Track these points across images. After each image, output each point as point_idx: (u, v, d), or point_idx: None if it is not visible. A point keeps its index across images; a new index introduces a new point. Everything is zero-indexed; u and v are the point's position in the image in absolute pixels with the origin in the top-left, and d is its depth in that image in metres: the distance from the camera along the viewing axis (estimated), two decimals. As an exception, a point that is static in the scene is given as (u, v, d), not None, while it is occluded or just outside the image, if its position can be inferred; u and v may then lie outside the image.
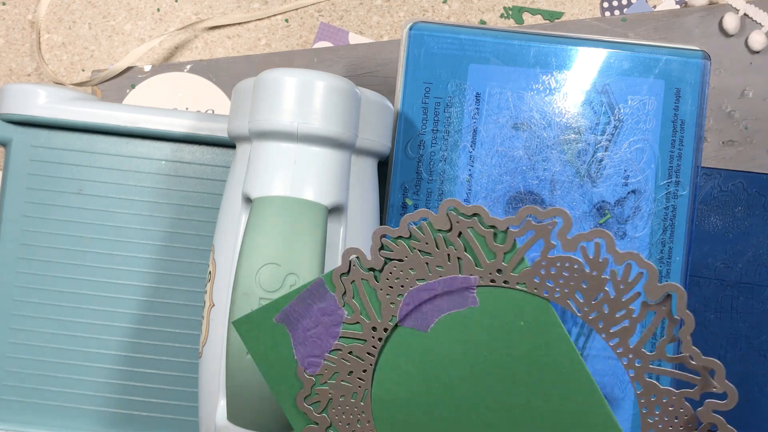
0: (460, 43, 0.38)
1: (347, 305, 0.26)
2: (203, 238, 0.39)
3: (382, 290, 0.25)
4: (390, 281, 0.25)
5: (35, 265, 0.39)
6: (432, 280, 0.25)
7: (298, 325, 0.26)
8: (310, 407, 0.26)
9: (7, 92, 0.39)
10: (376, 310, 0.26)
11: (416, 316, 0.25)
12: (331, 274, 0.26)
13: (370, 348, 0.26)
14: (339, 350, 0.26)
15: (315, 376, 0.26)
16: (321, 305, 0.26)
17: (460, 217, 0.25)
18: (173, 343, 0.39)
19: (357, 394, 0.26)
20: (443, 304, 0.25)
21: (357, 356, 0.26)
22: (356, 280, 0.26)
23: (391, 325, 0.25)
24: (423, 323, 0.25)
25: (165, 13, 0.47)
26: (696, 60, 0.37)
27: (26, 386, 0.39)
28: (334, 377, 0.26)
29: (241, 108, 0.33)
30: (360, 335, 0.26)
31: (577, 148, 0.37)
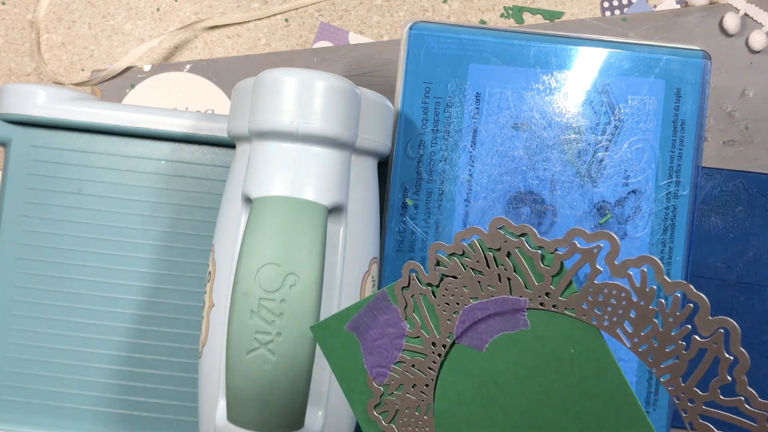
0: (460, 42, 0.37)
1: (408, 319, 0.26)
2: (203, 238, 0.39)
3: (439, 306, 0.25)
4: (446, 297, 0.25)
5: (35, 265, 0.39)
6: (484, 299, 0.25)
7: (367, 335, 0.26)
8: (380, 416, 0.26)
9: (7, 92, 0.39)
10: (435, 325, 0.25)
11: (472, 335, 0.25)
12: (393, 287, 0.25)
13: (431, 363, 0.26)
14: (403, 362, 0.26)
15: (383, 386, 0.26)
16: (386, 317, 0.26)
17: (508, 236, 0.24)
18: (173, 343, 0.39)
19: (421, 408, 0.26)
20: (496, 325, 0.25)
21: (419, 370, 0.26)
22: (416, 294, 0.25)
23: (449, 342, 0.25)
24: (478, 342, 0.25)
25: (165, 13, 0.47)
26: (696, 60, 0.37)
27: (26, 386, 0.39)
28: (399, 389, 0.26)
29: (240, 108, 0.33)
30: (421, 349, 0.26)
31: (578, 148, 0.37)
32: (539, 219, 0.37)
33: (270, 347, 0.29)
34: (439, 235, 0.37)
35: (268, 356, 0.29)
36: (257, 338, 0.29)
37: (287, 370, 0.29)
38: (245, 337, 0.29)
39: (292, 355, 0.29)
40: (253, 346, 0.29)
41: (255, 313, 0.29)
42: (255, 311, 0.29)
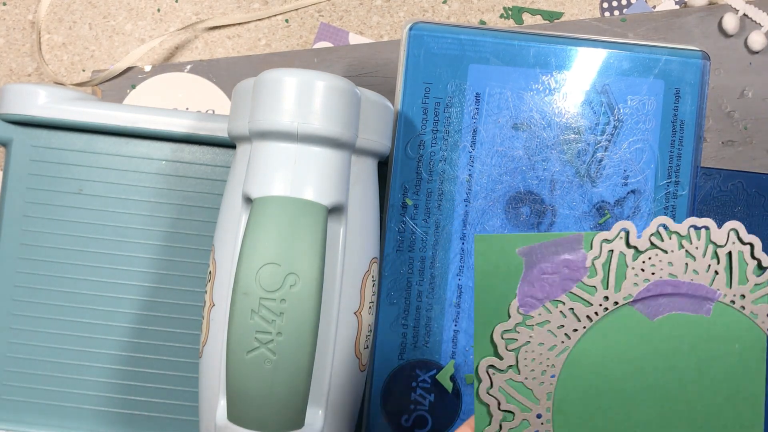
0: (460, 43, 0.38)
1: (593, 268, 0.26)
2: (203, 238, 0.39)
3: (633, 269, 0.27)
4: (645, 264, 0.27)
5: (35, 265, 0.39)
6: (683, 279, 0.27)
7: (536, 265, 0.26)
8: (504, 341, 0.27)
9: (8, 92, 0.39)
10: (618, 283, 0.27)
11: (650, 303, 0.27)
12: (594, 235, 0.26)
13: (592, 313, 0.27)
14: (562, 303, 0.27)
15: (524, 316, 0.26)
16: (569, 257, 0.26)
17: (737, 240, 0.27)
18: (173, 343, 0.39)
19: (556, 347, 0.27)
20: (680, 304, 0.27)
21: (576, 315, 0.27)
22: (614, 251, 0.27)
23: (622, 303, 0.27)
24: (653, 312, 0.27)
25: (165, 14, 0.47)
26: (695, 60, 0.37)
27: (26, 386, 0.39)
28: (543, 324, 0.27)
29: (241, 108, 0.33)
30: (589, 299, 0.27)
31: (577, 148, 0.37)
32: (539, 219, 0.37)
33: (270, 347, 0.29)
34: (438, 234, 0.37)
35: (269, 356, 0.29)
36: (257, 338, 0.29)
37: (287, 370, 0.29)
38: (245, 336, 0.29)
39: (292, 354, 0.29)
40: (254, 345, 0.29)
41: (255, 313, 0.29)
42: (255, 311, 0.29)
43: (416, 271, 0.38)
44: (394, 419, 0.37)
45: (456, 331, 0.37)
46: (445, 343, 0.37)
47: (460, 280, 0.37)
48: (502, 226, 0.37)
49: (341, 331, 0.32)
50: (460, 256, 0.37)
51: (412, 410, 0.37)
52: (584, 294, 0.27)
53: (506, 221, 0.37)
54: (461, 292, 0.37)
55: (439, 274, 0.37)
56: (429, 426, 0.37)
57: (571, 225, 0.37)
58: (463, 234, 0.37)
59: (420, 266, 0.37)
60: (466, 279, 0.37)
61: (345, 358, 0.33)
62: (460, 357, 0.37)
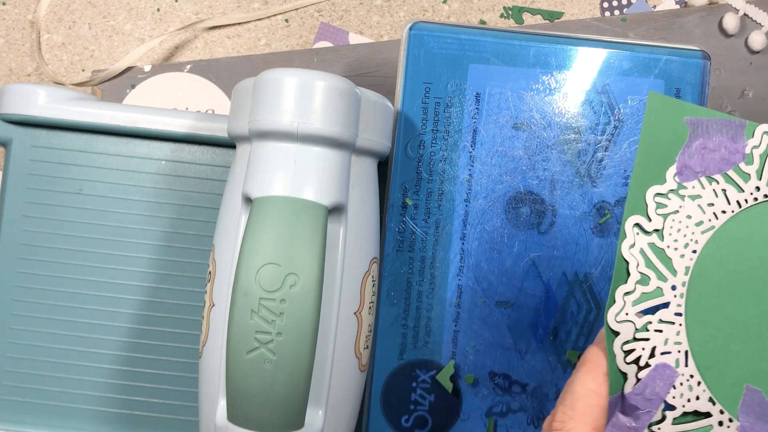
0: (460, 43, 0.38)
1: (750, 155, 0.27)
2: (203, 238, 0.39)
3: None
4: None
5: (35, 265, 0.39)
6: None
7: (700, 137, 0.27)
8: (655, 204, 0.27)
9: (7, 92, 0.39)
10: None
11: None
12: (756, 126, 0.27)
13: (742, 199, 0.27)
14: (716, 182, 0.27)
15: (679, 185, 0.27)
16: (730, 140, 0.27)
17: None
18: (173, 343, 0.39)
19: (702, 224, 0.27)
20: None
21: (727, 197, 0.27)
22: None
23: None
24: None
25: (165, 13, 0.47)
26: (696, 60, 0.37)
27: (26, 386, 0.39)
28: (694, 198, 0.27)
29: (241, 108, 0.33)
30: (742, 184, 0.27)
31: (577, 148, 0.37)
32: (539, 219, 0.37)
33: (270, 347, 0.29)
34: (438, 234, 0.37)
35: (269, 356, 0.29)
36: (257, 338, 0.29)
37: (287, 370, 0.29)
38: (245, 336, 0.29)
39: (292, 354, 0.29)
40: (254, 345, 0.29)
41: (255, 313, 0.29)
42: (255, 311, 0.29)
43: (416, 271, 0.38)
44: (394, 419, 0.37)
45: (456, 331, 0.37)
46: (445, 343, 0.37)
47: (460, 280, 0.37)
48: (502, 226, 0.37)
49: (341, 331, 0.32)
50: (460, 256, 0.37)
51: (412, 410, 0.37)
52: (738, 179, 0.27)
53: (506, 221, 0.37)
54: (461, 292, 0.37)
55: (439, 274, 0.37)
56: (429, 426, 0.37)
57: (571, 225, 0.37)
58: (463, 234, 0.37)
59: (420, 266, 0.37)
60: (466, 279, 0.37)
61: (345, 358, 0.33)
62: (460, 357, 0.37)
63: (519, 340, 0.37)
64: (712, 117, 0.27)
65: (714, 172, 0.27)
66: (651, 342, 0.26)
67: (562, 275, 0.37)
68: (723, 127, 0.27)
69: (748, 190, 0.27)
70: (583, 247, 0.37)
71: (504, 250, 0.37)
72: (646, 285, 0.27)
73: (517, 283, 0.37)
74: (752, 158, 0.27)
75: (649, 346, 0.26)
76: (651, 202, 0.27)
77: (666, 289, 0.26)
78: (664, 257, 0.27)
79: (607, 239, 0.37)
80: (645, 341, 0.26)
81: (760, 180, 0.27)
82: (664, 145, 0.27)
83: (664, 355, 0.26)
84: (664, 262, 0.27)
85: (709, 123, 0.27)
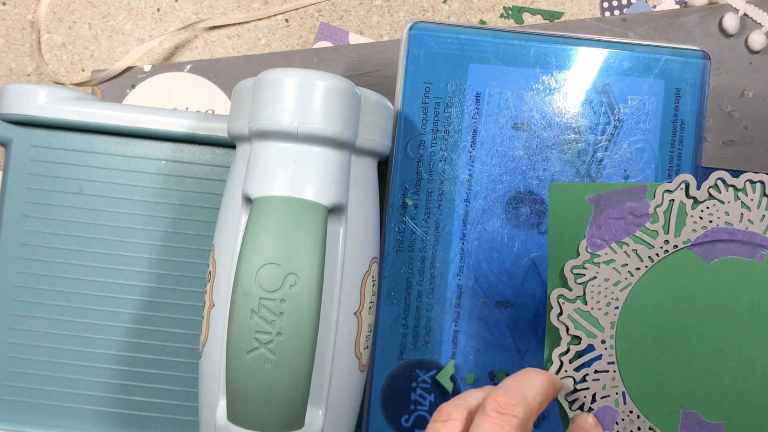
0: (460, 43, 0.38)
1: (655, 215, 0.30)
2: (203, 238, 0.39)
3: (692, 216, 0.30)
4: (703, 213, 0.30)
5: (35, 265, 0.39)
6: (739, 228, 0.30)
7: (604, 210, 0.30)
8: (573, 275, 0.30)
9: (7, 92, 0.39)
10: (678, 229, 0.30)
11: (707, 248, 0.30)
12: (656, 186, 0.30)
13: (653, 254, 0.30)
14: (626, 244, 0.30)
15: (591, 255, 0.30)
16: (634, 205, 0.30)
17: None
18: (173, 343, 0.39)
19: (620, 283, 0.30)
20: (735, 249, 0.30)
21: (638, 255, 0.30)
22: (675, 200, 0.30)
23: (681, 246, 0.30)
24: (710, 255, 0.30)
25: (165, 13, 0.47)
26: (696, 60, 0.37)
27: (26, 386, 0.39)
28: (608, 262, 0.30)
29: (241, 108, 0.33)
30: (651, 241, 0.30)
31: (577, 148, 0.37)
32: (539, 219, 0.37)
33: (270, 347, 0.29)
34: (438, 234, 0.37)
35: (269, 356, 0.29)
36: (257, 338, 0.29)
37: (287, 370, 0.29)
38: (245, 336, 0.29)
39: (292, 354, 0.29)
40: (254, 345, 0.29)
41: (255, 313, 0.29)
42: (255, 311, 0.29)
43: (416, 271, 0.38)
44: (394, 419, 0.37)
45: (456, 331, 0.37)
46: (445, 343, 0.37)
47: (460, 280, 0.37)
48: (502, 226, 0.37)
49: (341, 331, 0.32)
50: (460, 256, 0.37)
51: (412, 410, 0.37)
52: (647, 237, 0.30)
53: (506, 221, 0.37)
54: (461, 292, 0.37)
55: (439, 274, 0.37)
56: (429, 426, 0.37)
57: (571, 225, 0.37)
58: (463, 234, 0.37)
59: (420, 266, 0.37)
60: (466, 279, 0.37)
61: (345, 358, 0.33)
62: (460, 357, 0.37)
63: (519, 340, 0.37)
64: (611, 190, 0.30)
65: (623, 236, 0.30)
66: (591, 390, 0.30)
67: (562, 275, 0.37)
68: (625, 195, 0.30)
69: (658, 245, 0.30)
70: (583, 247, 0.37)
71: (504, 250, 0.37)
72: (578, 344, 0.30)
73: (517, 283, 0.37)
74: (657, 217, 0.30)
75: (590, 393, 0.30)
76: (569, 274, 0.30)
77: (597, 344, 0.30)
78: (590, 318, 0.30)
79: (607, 239, 0.37)
80: (585, 390, 0.30)
81: (667, 234, 0.30)
82: (571, 225, 0.30)
83: (604, 398, 0.30)
84: (590, 322, 0.30)
85: (610, 196, 0.30)
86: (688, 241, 0.30)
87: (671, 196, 0.30)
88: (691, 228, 0.30)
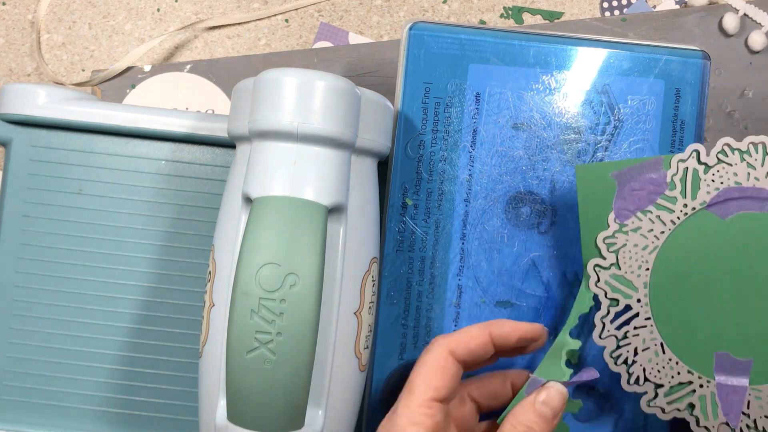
0: (460, 43, 0.38)
1: (672, 182, 0.33)
2: (203, 238, 0.39)
3: (704, 180, 0.33)
4: (714, 176, 0.33)
5: (35, 265, 0.39)
6: (747, 185, 0.33)
7: (627, 184, 0.33)
8: (606, 245, 0.33)
9: (7, 92, 0.39)
10: (694, 192, 0.33)
11: (721, 207, 0.33)
12: (671, 157, 0.33)
13: (675, 218, 0.33)
14: (650, 212, 0.33)
15: (620, 225, 0.33)
16: (652, 175, 0.33)
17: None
18: (173, 343, 0.39)
19: (648, 247, 0.33)
20: (746, 204, 0.33)
21: (662, 220, 0.33)
22: (689, 167, 0.33)
23: (699, 208, 0.33)
24: (724, 213, 0.33)
25: (165, 13, 0.47)
26: (696, 60, 0.37)
27: (26, 386, 0.39)
28: (636, 230, 0.33)
29: (241, 108, 0.33)
30: (671, 206, 0.33)
31: (577, 148, 0.37)
32: (539, 219, 0.37)
33: (270, 347, 0.29)
34: (438, 234, 0.37)
35: (268, 356, 0.29)
36: (257, 338, 0.29)
37: (287, 370, 0.29)
38: (245, 336, 0.29)
39: (292, 354, 0.29)
40: (253, 345, 0.29)
41: (255, 313, 0.29)
42: (255, 311, 0.29)
43: (416, 271, 0.38)
44: (394, 419, 0.37)
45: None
46: (445, 343, 0.37)
47: (460, 280, 0.37)
48: (502, 225, 0.37)
49: (341, 331, 0.32)
50: (460, 256, 0.37)
51: (412, 410, 0.37)
52: (667, 203, 0.33)
53: (506, 221, 0.37)
54: (461, 292, 0.37)
55: (439, 274, 0.37)
56: (429, 426, 0.37)
57: (571, 225, 0.37)
58: (463, 234, 0.37)
59: (420, 266, 0.37)
60: (466, 279, 0.37)
61: (345, 358, 0.33)
62: (460, 357, 0.37)
63: (519, 340, 0.37)
64: (631, 165, 0.33)
65: (645, 205, 0.33)
66: (632, 344, 0.33)
67: (562, 275, 0.37)
68: (644, 168, 0.33)
69: (678, 209, 0.33)
70: (583, 247, 0.37)
71: (504, 250, 0.37)
72: (617, 306, 0.33)
73: (517, 283, 0.37)
74: (674, 184, 0.33)
75: (632, 348, 0.33)
76: (602, 245, 0.33)
77: (633, 303, 0.33)
78: (625, 281, 0.33)
79: (607, 239, 0.37)
80: (627, 345, 0.33)
81: (685, 198, 0.33)
82: (599, 200, 0.33)
83: (645, 350, 0.33)
84: (625, 284, 0.33)
85: (631, 171, 0.33)
86: (704, 203, 0.33)
87: (685, 165, 0.33)
88: (705, 191, 0.33)
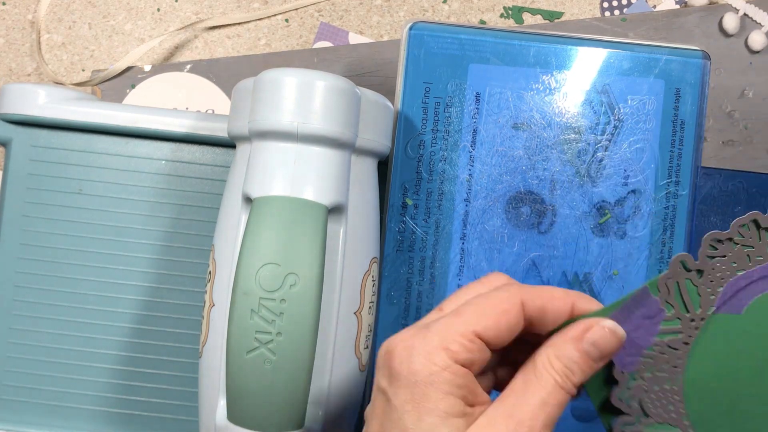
0: (460, 43, 0.38)
1: (668, 305, 0.28)
2: (203, 238, 0.39)
3: (703, 285, 0.29)
4: (712, 276, 0.29)
5: (35, 265, 0.39)
6: (750, 269, 0.29)
7: None
8: (624, 402, 0.28)
9: (7, 92, 0.39)
10: (696, 304, 0.29)
11: (732, 302, 0.29)
12: (656, 280, 0.28)
13: (687, 338, 0.28)
14: (657, 345, 0.28)
15: (630, 374, 0.28)
16: (644, 310, 0.28)
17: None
18: (173, 343, 0.39)
19: (671, 381, 0.29)
20: (758, 287, 0.29)
21: (673, 348, 0.28)
22: (679, 281, 0.28)
23: (709, 315, 0.29)
24: (737, 307, 0.29)
25: (165, 13, 0.47)
26: (696, 60, 0.37)
27: (26, 386, 0.39)
28: (650, 371, 0.28)
29: (241, 108, 0.33)
30: (678, 329, 0.28)
31: (577, 148, 0.37)
32: (539, 219, 0.37)
33: (270, 347, 0.29)
34: (438, 234, 0.37)
35: (268, 356, 0.29)
36: (257, 338, 0.29)
37: (287, 370, 0.29)
38: (245, 336, 0.29)
39: (292, 355, 0.29)
40: (253, 345, 0.29)
41: (255, 313, 0.29)
42: (255, 311, 0.29)
43: (416, 271, 0.37)
44: (394, 419, 0.37)
45: (456, 331, 0.37)
46: (445, 343, 0.37)
47: (460, 280, 0.37)
48: (502, 225, 0.37)
49: (341, 331, 0.32)
50: (460, 256, 0.37)
51: (412, 410, 0.37)
52: (672, 328, 0.29)
53: (506, 221, 0.37)
54: (461, 292, 0.37)
55: (439, 274, 0.37)
56: (429, 426, 0.37)
57: (571, 225, 0.37)
58: (463, 234, 0.37)
59: (420, 266, 0.37)
60: (466, 279, 0.37)
61: (345, 358, 0.33)
62: (460, 357, 0.37)
63: (519, 340, 0.37)
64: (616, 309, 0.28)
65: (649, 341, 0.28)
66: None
67: (562, 275, 0.37)
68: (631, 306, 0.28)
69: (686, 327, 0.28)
70: (583, 247, 0.37)
71: (504, 249, 0.37)
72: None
73: (517, 283, 0.37)
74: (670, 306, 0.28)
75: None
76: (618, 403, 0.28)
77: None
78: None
79: (606, 239, 0.37)
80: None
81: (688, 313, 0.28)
82: None
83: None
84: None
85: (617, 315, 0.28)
86: (711, 308, 0.29)
87: (673, 280, 0.29)
88: (707, 296, 0.29)
